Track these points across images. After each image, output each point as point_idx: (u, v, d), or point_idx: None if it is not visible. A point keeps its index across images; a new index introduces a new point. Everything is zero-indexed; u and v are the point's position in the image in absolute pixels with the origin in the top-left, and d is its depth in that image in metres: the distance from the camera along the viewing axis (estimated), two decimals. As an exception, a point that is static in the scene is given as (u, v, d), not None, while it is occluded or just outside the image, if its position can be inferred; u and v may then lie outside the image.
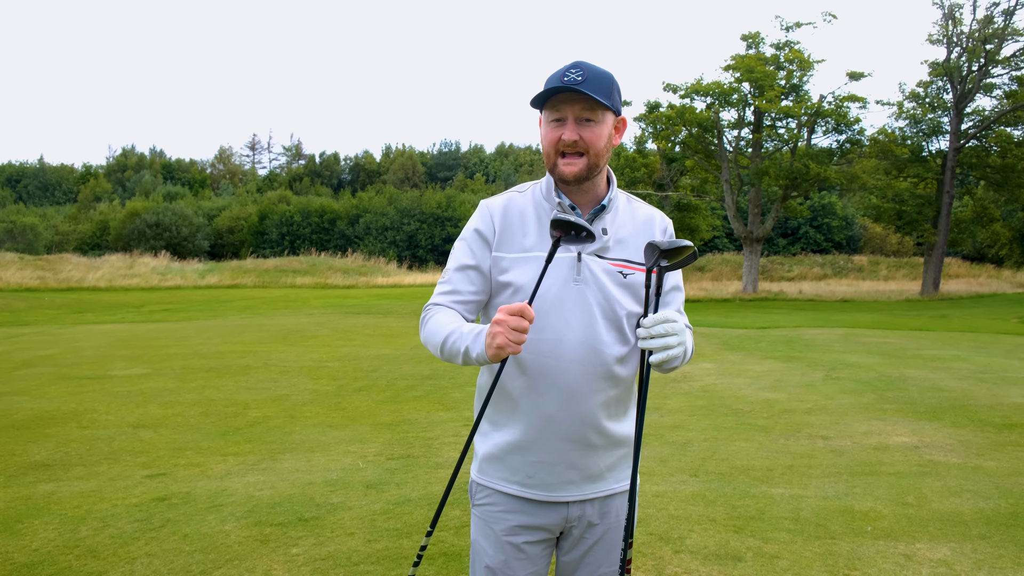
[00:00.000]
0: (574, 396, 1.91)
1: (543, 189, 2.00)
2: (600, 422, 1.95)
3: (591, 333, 1.90)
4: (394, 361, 11.41)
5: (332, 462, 5.83)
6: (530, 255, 1.93)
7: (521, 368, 1.92)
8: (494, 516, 2.01)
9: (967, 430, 6.78)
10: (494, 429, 2.01)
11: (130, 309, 22.80)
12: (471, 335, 1.80)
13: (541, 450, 1.94)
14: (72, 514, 4.56)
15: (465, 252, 1.99)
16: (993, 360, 11.38)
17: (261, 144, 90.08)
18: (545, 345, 1.89)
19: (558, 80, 1.85)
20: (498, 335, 1.69)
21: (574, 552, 2.04)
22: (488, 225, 1.97)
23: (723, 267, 44.17)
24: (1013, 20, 29.51)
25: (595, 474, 1.98)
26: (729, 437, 6.62)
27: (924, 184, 33.09)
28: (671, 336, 1.78)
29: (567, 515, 2.00)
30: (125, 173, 77.06)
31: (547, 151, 1.93)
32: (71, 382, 9.40)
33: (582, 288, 1.91)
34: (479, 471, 2.05)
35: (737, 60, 30.30)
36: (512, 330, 1.68)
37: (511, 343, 1.69)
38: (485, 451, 2.03)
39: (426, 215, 53.68)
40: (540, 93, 1.87)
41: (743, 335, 15.57)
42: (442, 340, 1.87)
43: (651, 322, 1.78)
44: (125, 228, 49.90)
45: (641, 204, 2.08)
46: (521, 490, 1.98)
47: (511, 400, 1.95)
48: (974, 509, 4.65)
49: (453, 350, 1.84)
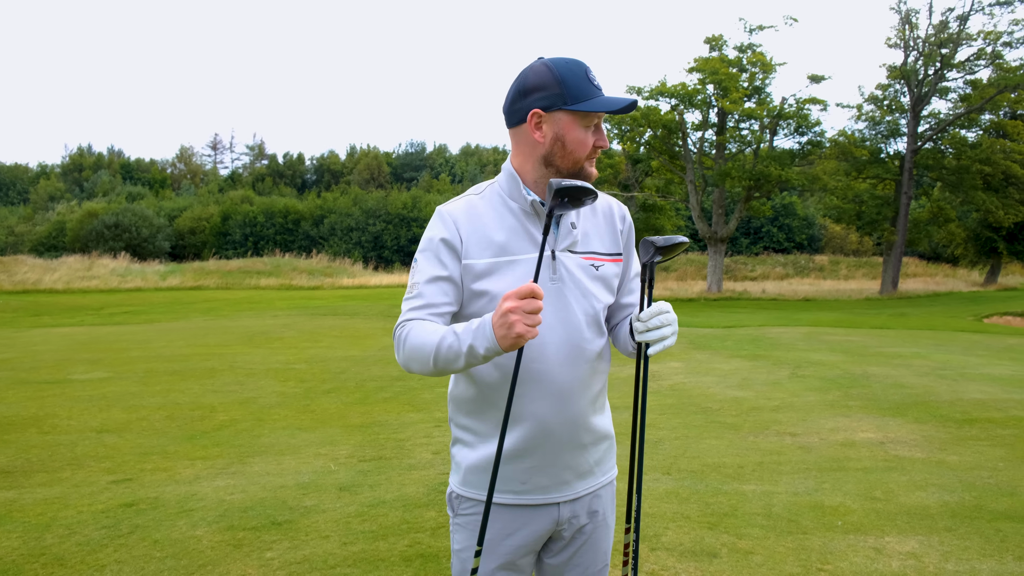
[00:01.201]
0: (564, 398, 1.88)
1: (504, 187, 1.94)
2: (589, 419, 1.95)
3: (574, 332, 1.88)
4: (362, 363, 11.32)
5: (303, 465, 5.77)
6: (502, 259, 1.87)
7: (505, 374, 1.86)
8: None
9: (929, 425, 6.93)
10: (480, 440, 1.94)
11: (89, 312, 22.30)
12: (470, 332, 1.68)
13: (536, 456, 1.90)
14: (36, 521, 4.45)
15: (433, 263, 1.87)
16: (952, 357, 11.66)
17: (223, 143, 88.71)
18: (530, 350, 1.84)
19: (590, 84, 1.84)
20: (516, 323, 1.58)
21: (563, 554, 2.01)
22: (453, 232, 1.87)
23: (688, 267, 44.65)
24: (967, 25, 30.29)
25: (585, 471, 1.97)
26: (699, 435, 6.68)
27: (883, 185, 33.81)
28: (666, 327, 1.82)
29: (558, 517, 1.96)
30: (82, 173, 75.34)
31: (577, 155, 1.87)
32: (30, 387, 9.17)
33: (560, 287, 1.88)
34: (463, 483, 1.97)
35: (701, 62, 30.63)
36: (528, 314, 1.59)
37: (529, 328, 1.59)
38: (471, 462, 1.94)
39: (392, 215, 53.36)
40: (598, 103, 1.83)
41: (709, 334, 15.75)
42: (435, 347, 1.72)
43: (648, 315, 1.81)
44: (83, 229, 48.74)
45: (602, 196, 2.04)
46: (514, 498, 1.92)
47: (498, 409, 1.88)
48: (939, 502, 4.76)
49: (451, 354, 1.71)
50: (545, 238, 1.72)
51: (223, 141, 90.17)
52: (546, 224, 1.72)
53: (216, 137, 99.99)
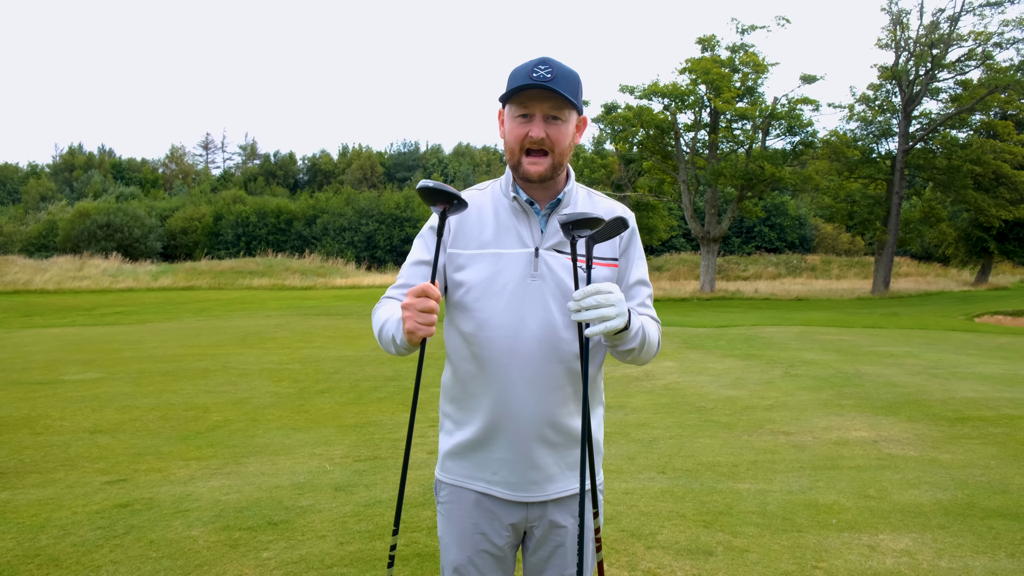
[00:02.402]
0: (533, 393, 1.89)
1: (502, 185, 1.99)
2: (560, 419, 1.93)
3: (548, 329, 1.89)
4: (356, 363, 11.31)
5: (298, 465, 5.76)
6: (486, 252, 1.91)
7: (480, 365, 1.91)
8: (457, 514, 2.00)
9: (922, 424, 6.97)
10: (457, 427, 2.00)
11: (81, 312, 22.18)
12: (395, 322, 1.84)
13: (502, 447, 1.93)
14: (30, 523, 4.43)
15: (420, 248, 2.01)
16: (943, 356, 11.72)
17: (214, 143, 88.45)
18: (503, 342, 1.88)
19: (526, 75, 1.81)
20: (407, 319, 1.71)
21: (539, 552, 2.02)
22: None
23: (680, 267, 44.72)
24: (958, 26, 30.44)
25: (555, 473, 1.96)
26: (694, 434, 6.70)
27: (875, 185, 33.96)
28: (606, 307, 1.71)
29: (527, 515, 1.98)
30: (73, 172, 74.96)
31: (511, 147, 1.89)
32: (21, 387, 9.12)
33: (539, 284, 1.89)
34: (442, 469, 2.05)
35: (693, 63, 30.69)
36: (420, 312, 1.70)
37: (421, 326, 1.70)
38: (448, 448, 2.02)
39: (384, 215, 53.25)
40: (511, 89, 1.83)
41: (702, 334, 15.78)
42: (379, 330, 1.93)
43: (581, 295, 1.73)
44: (74, 229, 48.44)
45: (602, 198, 2.05)
46: (486, 487, 1.97)
47: (472, 398, 1.94)
48: (932, 500, 4.79)
49: (387, 339, 1.89)
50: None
51: (215, 141, 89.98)
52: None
53: (208, 137, 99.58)
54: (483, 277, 1.90)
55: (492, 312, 1.88)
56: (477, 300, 1.90)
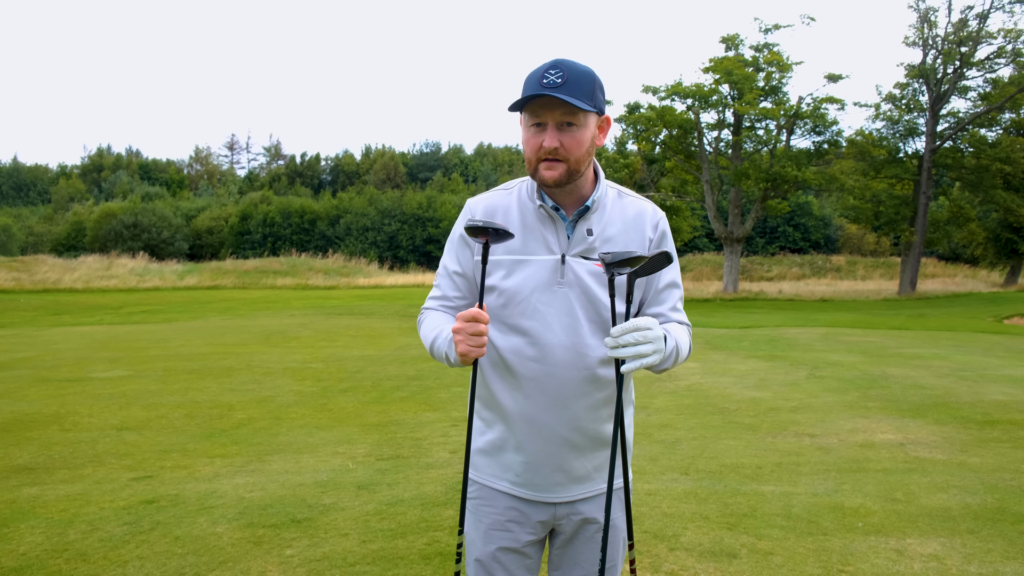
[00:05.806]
0: (559, 400, 1.90)
1: (528, 189, 1.97)
2: (586, 425, 1.94)
3: (575, 337, 1.88)
4: (379, 362, 11.36)
5: (321, 463, 5.79)
6: (513, 258, 1.91)
7: (507, 371, 1.92)
8: (484, 510, 2.02)
9: (950, 427, 6.86)
10: (486, 427, 2.02)
11: (108, 311, 22.51)
12: (447, 341, 1.89)
13: (527, 451, 1.94)
14: (59, 518, 4.50)
15: (451, 258, 2.04)
16: (972, 358, 11.54)
17: (240, 144, 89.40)
18: (530, 349, 1.89)
19: (536, 82, 1.77)
20: (459, 343, 1.77)
21: (567, 547, 2.05)
22: None
23: (704, 267, 44.49)
24: (987, 24, 30.00)
25: (582, 475, 1.97)
26: (717, 435, 6.65)
27: (901, 185, 33.51)
28: (643, 344, 1.71)
29: (555, 513, 2.01)
30: (101, 173, 76.09)
31: (528, 157, 1.87)
32: (51, 384, 9.26)
33: (565, 291, 1.89)
34: (473, 466, 2.06)
35: (716, 62, 30.50)
36: (471, 336, 1.76)
37: (472, 348, 1.76)
38: (477, 447, 2.04)
39: (407, 215, 53.47)
40: (520, 99, 1.80)
41: (726, 334, 15.67)
42: (430, 345, 1.99)
43: (619, 331, 1.72)
44: (102, 229, 49.21)
45: (633, 199, 2.02)
46: (510, 487, 1.99)
47: (498, 401, 1.96)
48: (961, 504, 4.71)
49: (439, 355, 1.95)
50: (484, 269, 1.86)
51: (240, 142, 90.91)
52: (483, 256, 1.85)
53: (233, 138, 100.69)
54: (510, 283, 1.90)
55: (518, 318, 1.89)
56: (504, 307, 1.91)
